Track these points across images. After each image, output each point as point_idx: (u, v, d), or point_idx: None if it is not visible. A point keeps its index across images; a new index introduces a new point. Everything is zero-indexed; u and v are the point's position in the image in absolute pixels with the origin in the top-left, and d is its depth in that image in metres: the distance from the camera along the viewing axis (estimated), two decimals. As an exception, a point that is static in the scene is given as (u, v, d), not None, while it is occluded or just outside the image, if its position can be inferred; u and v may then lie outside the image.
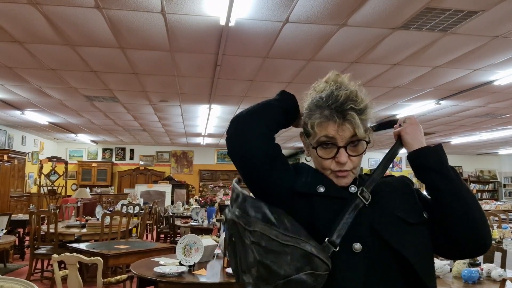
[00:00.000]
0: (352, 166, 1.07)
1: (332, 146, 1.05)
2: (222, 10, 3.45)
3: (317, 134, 1.06)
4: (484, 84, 5.68)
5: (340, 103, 1.04)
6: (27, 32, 4.06)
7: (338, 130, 1.04)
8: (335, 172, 1.07)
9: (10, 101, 7.39)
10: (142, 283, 2.88)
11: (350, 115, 1.03)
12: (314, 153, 1.09)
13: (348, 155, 1.05)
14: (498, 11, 3.44)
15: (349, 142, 1.05)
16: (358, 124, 1.03)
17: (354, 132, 1.03)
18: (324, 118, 1.04)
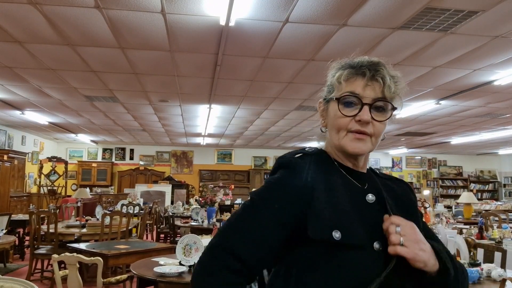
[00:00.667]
0: (372, 132, 0.96)
1: (356, 105, 0.96)
2: (222, 10, 3.45)
3: (342, 89, 0.97)
4: (484, 84, 5.68)
5: (373, 64, 0.98)
6: (27, 32, 4.06)
7: (365, 87, 0.96)
8: (353, 133, 0.95)
9: (10, 101, 7.39)
10: (142, 283, 2.87)
11: (381, 73, 0.96)
12: (334, 108, 0.98)
13: (371, 117, 0.95)
14: (498, 11, 3.44)
15: (376, 102, 0.96)
16: (388, 84, 0.95)
17: (384, 92, 0.96)
18: (353, 72, 0.98)
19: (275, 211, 0.91)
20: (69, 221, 6.65)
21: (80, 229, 5.57)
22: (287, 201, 0.92)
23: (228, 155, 15.46)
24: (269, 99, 6.99)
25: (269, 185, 0.97)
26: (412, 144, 13.10)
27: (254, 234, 0.90)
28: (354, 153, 0.97)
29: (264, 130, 10.47)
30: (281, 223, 0.91)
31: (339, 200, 0.94)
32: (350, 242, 0.89)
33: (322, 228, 0.89)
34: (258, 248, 0.89)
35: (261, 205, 0.93)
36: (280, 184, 0.95)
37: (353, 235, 0.90)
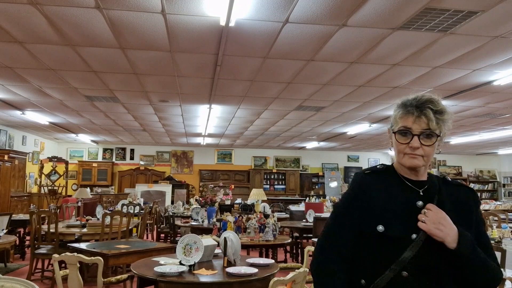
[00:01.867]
0: (423, 153, 1.33)
1: (409, 134, 1.33)
2: (222, 10, 3.46)
3: (398, 124, 1.36)
4: (484, 84, 5.69)
5: (421, 102, 1.32)
6: (28, 32, 4.07)
7: (414, 121, 1.32)
8: (408, 154, 1.34)
9: (11, 101, 7.40)
10: (142, 282, 2.88)
11: (426, 111, 1.30)
12: (394, 138, 1.38)
13: (420, 143, 1.31)
14: (498, 11, 3.45)
15: (423, 133, 1.31)
16: (431, 118, 1.30)
17: (428, 125, 1.30)
18: (406, 112, 1.34)
19: (348, 217, 1.39)
20: (70, 221, 6.65)
21: (81, 229, 5.57)
22: (354, 209, 1.38)
23: (228, 155, 15.47)
24: (269, 99, 7.00)
25: (343, 198, 1.45)
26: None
27: (339, 234, 1.39)
28: (410, 166, 1.35)
29: (264, 130, 10.47)
30: (352, 224, 1.37)
31: (389, 203, 1.34)
32: (390, 234, 1.30)
33: (369, 224, 1.33)
34: (344, 242, 1.37)
35: (339, 214, 1.43)
36: (349, 197, 1.42)
37: (393, 229, 1.30)
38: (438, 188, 1.37)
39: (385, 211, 1.33)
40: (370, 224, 1.32)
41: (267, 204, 8.72)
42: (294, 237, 6.76)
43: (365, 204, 1.36)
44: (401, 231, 1.29)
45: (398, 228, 1.30)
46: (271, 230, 4.68)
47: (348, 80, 5.64)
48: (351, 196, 1.41)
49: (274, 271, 2.97)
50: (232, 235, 3.23)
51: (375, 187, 1.38)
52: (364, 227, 1.34)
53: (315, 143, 13.17)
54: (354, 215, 1.37)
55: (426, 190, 1.36)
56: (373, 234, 1.31)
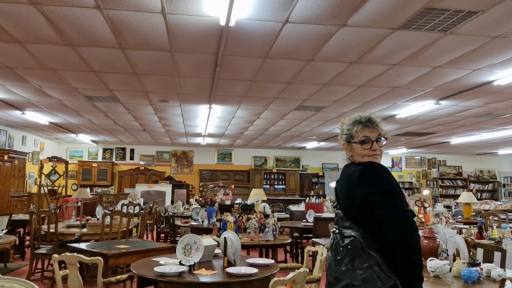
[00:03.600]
0: (380, 152, 1.88)
1: (368, 142, 1.86)
2: (222, 10, 3.46)
3: (359, 136, 1.87)
4: (484, 84, 5.69)
5: (372, 120, 1.90)
6: (27, 32, 4.07)
7: (371, 132, 1.87)
8: (371, 156, 1.85)
9: (11, 101, 7.40)
10: (142, 282, 2.88)
11: (376, 124, 1.89)
12: (358, 147, 1.87)
13: (378, 146, 1.87)
14: (498, 11, 3.45)
15: (378, 138, 1.87)
16: (381, 128, 1.90)
17: (379, 133, 1.88)
18: (363, 126, 1.88)
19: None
20: (70, 221, 6.65)
21: (81, 229, 5.57)
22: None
23: (228, 155, 15.47)
24: (269, 99, 7.00)
25: (394, 183, 1.80)
26: (412, 144, 13.10)
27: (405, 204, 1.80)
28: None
29: (264, 130, 10.47)
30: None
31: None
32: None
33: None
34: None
35: (397, 188, 1.80)
36: (393, 180, 1.84)
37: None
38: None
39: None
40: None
41: (267, 204, 8.72)
42: (294, 237, 6.76)
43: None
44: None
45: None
46: (271, 230, 4.68)
47: (348, 80, 5.64)
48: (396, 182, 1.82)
49: (274, 271, 2.97)
50: (232, 235, 3.23)
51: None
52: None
53: (315, 143, 13.17)
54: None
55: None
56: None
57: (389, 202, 1.71)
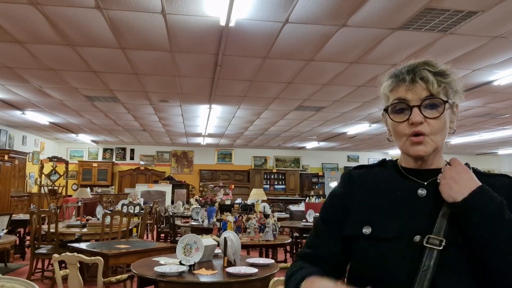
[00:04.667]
0: (429, 130, 0.96)
1: (406, 110, 0.97)
2: (222, 10, 3.46)
3: (389, 99, 1.02)
4: (483, 84, 5.69)
5: (413, 66, 1.01)
6: (28, 32, 4.07)
7: (408, 90, 0.97)
8: (410, 138, 0.97)
9: (11, 101, 7.40)
10: (142, 282, 2.88)
11: (421, 73, 0.97)
12: (389, 120, 1.02)
13: (423, 116, 0.95)
14: (498, 11, 3.45)
15: (424, 102, 0.96)
16: (431, 80, 0.95)
17: (429, 90, 0.95)
18: (395, 81, 1.01)
19: (326, 216, 1.12)
20: (70, 221, 6.65)
21: (81, 229, 5.58)
22: (334, 208, 1.11)
23: (228, 155, 15.47)
24: (269, 99, 7.00)
25: (325, 200, 1.18)
26: (412, 144, 13.08)
27: (319, 234, 1.12)
28: (417, 156, 0.98)
29: (264, 130, 10.47)
30: (331, 225, 1.09)
31: (378, 199, 1.03)
32: (381, 235, 0.97)
33: (352, 226, 1.03)
34: (326, 248, 1.08)
35: (321, 213, 1.15)
36: (330, 195, 1.16)
37: (384, 229, 0.97)
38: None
39: (370, 208, 1.02)
40: (352, 226, 1.03)
41: (267, 204, 8.73)
42: (294, 237, 6.77)
43: (346, 202, 1.07)
44: (394, 231, 0.95)
45: (390, 227, 0.96)
46: (271, 230, 4.68)
47: (348, 80, 5.65)
48: (332, 194, 1.14)
49: (274, 271, 2.97)
50: (232, 235, 3.23)
51: (363, 183, 1.08)
52: (345, 230, 1.04)
53: (315, 143, 13.17)
54: (335, 215, 1.08)
55: (434, 182, 0.98)
56: (361, 239, 1.00)
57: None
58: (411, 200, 0.98)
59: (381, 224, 0.98)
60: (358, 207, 1.05)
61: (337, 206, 1.09)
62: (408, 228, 0.94)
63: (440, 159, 1.06)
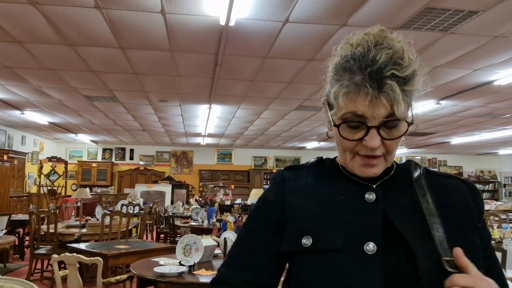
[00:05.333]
0: (385, 151, 0.81)
1: (361, 125, 0.79)
2: (222, 10, 3.45)
3: (342, 109, 0.79)
4: (484, 84, 5.68)
5: (377, 68, 0.76)
6: (27, 32, 4.06)
7: (370, 105, 0.76)
8: (361, 157, 0.82)
9: (10, 101, 7.39)
10: (142, 283, 2.87)
11: (389, 86, 0.75)
12: (336, 132, 0.84)
13: (381, 138, 0.79)
14: (498, 11, 3.44)
15: (384, 122, 0.78)
16: (398, 99, 0.75)
17: (392, 109, 0.77)
18: (353, 86, 0.77)
19: (257, 229, 0.91)
20: (69, 221, 6.65)
21: (80, 229, 5.57)
22: (266, 218, 0.91)
23: (228, 155, 15.46)
24: (269, 99, 6.99)
25: (253, 208, 0.97)
26: (412, 144, 13.10)
27: (245, 251, 0.92)
28: (365, 177, 0.84)
29: (264, 130, 10.47)
30: (264, 240, 0.89)
31: (317, 205, 0.86)
32: (324, 246, 0.80)
33: (290, 239, 0.85)
34: (255, 268, 0.88)
35: (248, 224, 0.94)
36: (260, 202, 0.95)
37: (327, 238, 0.81)
38: (409, 180, 0.87)
39: (308, 216, 0.85)
40: (289, 240, 0.85)
41: (267, 204, 8.69)
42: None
43: (280, 211, 0.89)
44: (339, 240, 0.80)
45: (333, 237, 0.80)
46: (271, 230, 4.67)
47: (348, 80, 5.63)
48: (261, 204, 0.94)
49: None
50: (232, 235, 3.22)
51: (299, 187, 0.91)
52: (283, 246, 0.86)
53: (315, 143, 13.16)
54: (266, 227, 0.90)
55: (386, 182, 0.86)
56: (302, 252, 0.82)
57: None
58: (357, 206, 0.83)
59: (323, 233, 0.81)
60: (295, 215, 0.87)
61: (270, 217, 0.90)
62: (357, 236, 0.79)
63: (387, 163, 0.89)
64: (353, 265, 0.77)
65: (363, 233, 0.79)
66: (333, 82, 0.82)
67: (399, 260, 0.78)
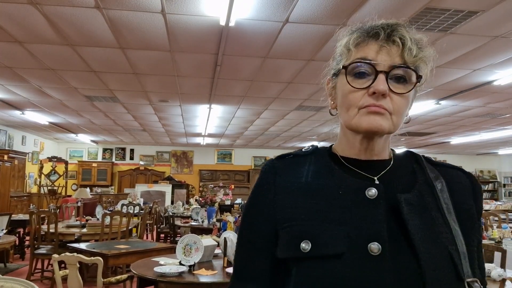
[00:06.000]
0: (391, 108, 0.76)
1: (369, 75, 0.76)
2: (222, 10, 3.46)
3: (351, 56, 0.79)
4: (484, 84, 5.68)
5: (389, 23, 0.78)
6: (27, 32, 4.06)
7: (380, 51, 0.76)
8: (367, 108, 0.76)
9: (10, 101, 7.39)
10: (142, 283, 2.88)
11: (399, 32, 0.77)
12: (343, 81, 0.80)
13: (388, 88, 0.75)
14: (498, 11, 3.44)
15: (394, 70, 0.76)
16: (409, 45, 0.76)
17: (403, 57, 0.76)
18: (366, 35, 0.78)
19: (249, 232, 0.86)
20: (69, 221, 6.65)
21: (80, 229, 5.57)
22: (258, 220, 0.84)
23: (228, 155, 15.46)
24: (269, 99, 6.99)
25: (250, 195, 0.91)
26: (412, 144, 13.10)
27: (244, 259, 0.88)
28: (370, 130, 0.76)
29: (264, 130, 10.47)
30: (256, 248, 0.84)
31: (313, 201, 0.79)
32: (325, 252, 0.73)
33: (287, 243, 0.78)
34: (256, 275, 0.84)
35: (241, 228, 0.89)
36: (250, 201, 0.89)
37: (328, 242, 0.74)
38: (411, 171, 0.83)
39: (306, 217, 0.78)
40: (285, 245, 0.78)
41: (267, 204, 8.69)
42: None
43: (272, 210, 0.82)
44: (340, 243, 0.73)
45: (334, 240, 0.74)
46: (271, 230, 4.67)
47: (348, 80, 5.64)
48: (251, 207, 0.87)
49: (274, 271, 2.96)
50: (232, 235, 3.22)
51: (292, 179, 0.83)
52: (278, 252, 0.80)
53: (315, 143, 13.16)
54: (259, 227, 0.84)
55: (387, 174, 0.80)
56: (300, 259, 0.76)
57: None
58: (357, 203, 0.76)
59: (322, 236, 0.74)
60: (289, 218, 0.79)
61: (261, 222, 0.83)
62: (360, 237, 0.73)
63: (388, 148, 0.85)
64: (358, 270, 0.71)
65: (366, 233, 0.73)
66: (347, 39, 0.82)
67: (405, 262, 0.71)
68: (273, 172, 0.86)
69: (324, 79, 0.92)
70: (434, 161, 0.87)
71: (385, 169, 0.81)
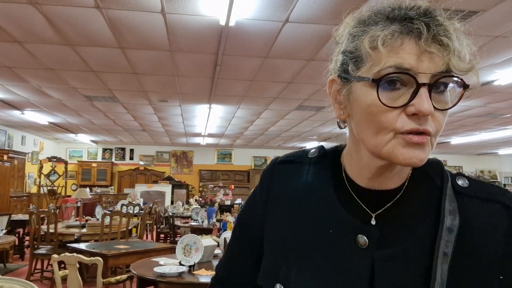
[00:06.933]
0: (433, 129, 0.57)
1: (404, 87, 0.56)
2: (222, 10, 3.45)
3: (381, 60, 0.55)
4: (484, 84, 5.68)
5: (423, 11, 0.59)
6: (27, 32, 4.06)
7: (422, 55, 0.55)
8: (404, 136, 0.56)
9: (10, 101, 7.39)
10: (142, 283, 2.87)
11: (443, 28, 0.58)
12: (369, 95, 0.58)
13: (432, 106, 0.55)
14: (498, 11, 3.44)
15: (440, 80, 0.56)
16: (456, 46, 0.57)
17: (447, 63, 0.55)
18: (398, 30, 0.56)
19: (238, 236, 0.82)
20: (69, 221, 6.64)
21: (80, 229, 5.56)
22: (244, 227, 0.80)
23: (228, 155, 15.46)
24: (269, 99, 6.99)
25: (244, 203, 0.85)
26: (412, 144, 13.09)
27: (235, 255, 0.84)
28: (406, 165, 0.57)
29: (264, 130, 10.47)
30: (245, 249, 0.79)
31: (298, 228, 0.68)
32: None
33: (263, 274, 0.71)
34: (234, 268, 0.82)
35: (235, 225, 0.85)
36: (246, 203, 0.82)
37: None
38: (426, 200, 0.64)
39: (290, 251, 0.68)
40: (263, 279, 0.72)
41: (267, 204, 8.69)
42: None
43: (260, 225, 0.74)
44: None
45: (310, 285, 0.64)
46: (271, 230, 4.67)
47: (348, 80, 5.64)
48: (247, 208, 0.81)
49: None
50: (232, 236, 3.22)
51: (285, 191, 0.73)
52: (259, 279, 0.73)
53: (315, 143, 13.17)
54: (249, 241, 0.77)
55: (391, 208, 0.64)
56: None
57: None
58: (345, 249, 0.64)
59: (298, 285, 0.64)
60: (274, 231, 0.71)
61: (251, 225, 0.77)
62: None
63: (403, 172, 0.65)
64: None
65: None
66: (363, 29, 0.61)
67: None
68: (269, 178, 0.77)
69: (326, 78, 0.72)
70: (461, 187, 0.64)
71: (391, 201, 0.64)
